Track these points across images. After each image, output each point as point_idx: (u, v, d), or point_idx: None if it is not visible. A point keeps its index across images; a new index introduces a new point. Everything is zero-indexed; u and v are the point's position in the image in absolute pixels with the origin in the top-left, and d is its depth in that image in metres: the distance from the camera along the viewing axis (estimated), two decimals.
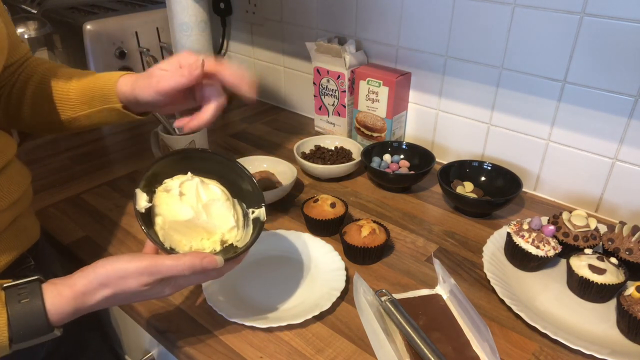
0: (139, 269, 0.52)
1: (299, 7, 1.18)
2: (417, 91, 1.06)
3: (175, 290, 0.57)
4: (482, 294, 0.72)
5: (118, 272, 0.52)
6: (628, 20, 0.76)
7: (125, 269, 0.52)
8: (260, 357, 0.61)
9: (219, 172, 0.64)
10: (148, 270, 0.52)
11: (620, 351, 0.61)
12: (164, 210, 0.58)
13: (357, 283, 0.68)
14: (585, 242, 0.75)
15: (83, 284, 0.51)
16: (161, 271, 0.52)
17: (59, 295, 0.51)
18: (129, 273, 0.52)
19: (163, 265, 0.52)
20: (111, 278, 0.52)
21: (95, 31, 1.22)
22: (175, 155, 0.62)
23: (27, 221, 0.69)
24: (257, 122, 1.27)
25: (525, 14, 0.86)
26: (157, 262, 0.52)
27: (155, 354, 0.79)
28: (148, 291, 0.54)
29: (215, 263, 0.54)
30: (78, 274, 0.52)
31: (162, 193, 0.59)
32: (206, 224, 0.59)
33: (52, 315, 0.50)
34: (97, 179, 0.99)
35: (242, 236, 0.62)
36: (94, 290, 0.51)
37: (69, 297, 0.51)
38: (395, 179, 0.95)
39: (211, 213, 0.59)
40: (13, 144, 0.67)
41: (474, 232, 0.85)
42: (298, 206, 0.89)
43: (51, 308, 0.50)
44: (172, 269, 0.52)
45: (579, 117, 0.86)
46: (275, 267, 0.76)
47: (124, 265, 0.52)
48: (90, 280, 0.51)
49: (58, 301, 0.50)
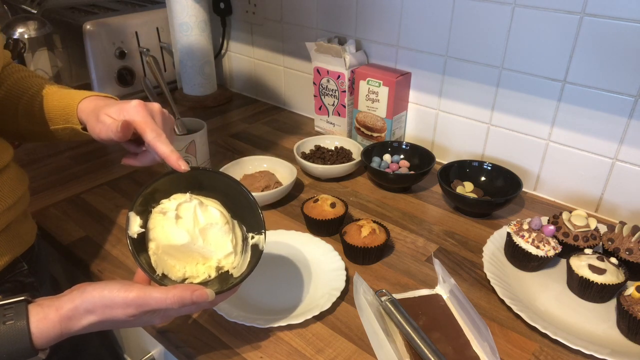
0: (125, 301, 0.51)
1: (299, 7, 1.18)
2: (417, 91, 1.06)
3: (164, 320, 0.56)
4: (482, 294, 0.72)
5: (104, 301, 0.51)
6: (628, 20, 0.76)
7: (112, 298, 0.51)
8: (260, 357, 0.61)
9: (223, 190, 0.61)
10: (135, 303, 0.51)
11: (620, 351, 0.61)
12: (158, 234, 0.56)
13: (357, 283, 0.68)
14: (585, 242, 0.75)
15: (69, 309, 0.50)
16: (149, 304, 0.51)
17: (44, 318, 0.50)
18: (115, 303, 0.51)
19: (151, 298, 0.51)
20: (97, 305, 0.51)
21: (95, 31, 1.22)
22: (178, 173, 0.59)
23: (21, 226, 0.68)
24: (257, 122, 1.27)
25: (525, 14, 0.86)
26: (145, 294, 0.51)
27: (155, 354, 0.79)
28: (135, 321, 0.53)
29: (206, 296, 0.53)
30: (66, 297, 0.51)
31: (158, 215, 0.57)
32: (202, 249, 0.57)
33: (36, 338, 0.49)
34: (97, 179, 0.99)
35: (239, 263, 0.60)
36: (79, 316, 0.51)
37: (55, 321, 0.50)
38: (395, 179, 0.95)
39: (208, 238, 0.57)
40: (8, 148, 0.66)
41: (474, 232, 0.85)
42: (298, 206, 0.89)
43: (36, 331, 0.49)
44: (160, 302, 0.51)
45: (579, 117, 0.86)
46: (275, 267, 0.76)
47: (111, 294, 0.51)
48: (76, 305, 0.51)
49: (43, 325, 0.50)
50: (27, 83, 0.71)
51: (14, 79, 0.72)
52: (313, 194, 0.88)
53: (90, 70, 1.25)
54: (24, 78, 0.72)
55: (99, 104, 0.65)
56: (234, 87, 1.48)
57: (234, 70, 1.45)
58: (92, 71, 1.25)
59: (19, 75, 0.72)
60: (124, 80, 1.30)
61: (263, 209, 0.88)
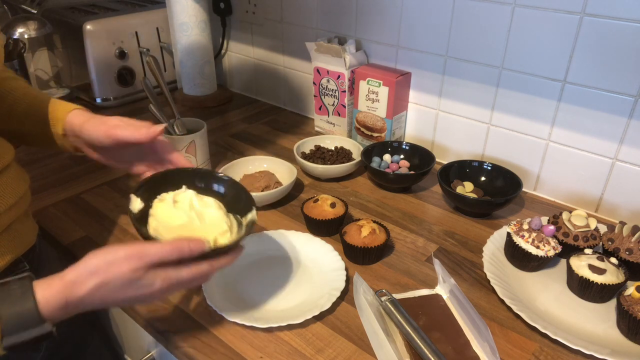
0: (127, 253, 0.52)
1: (299, 7, 1.18)
2: (417, 91, 1.06)
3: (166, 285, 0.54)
4: (482, 294, 0.72)
5: (107, 258, 0.52)
6: (628, 20, 0.76)
7: (113, 254, 0.52)
8: (260, 357, 0.61)
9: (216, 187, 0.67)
10: (137, 254, 0.52)
11: (620, 351, 0.61)
12: (158, 215, 0.59)
13: (357, 283, 0.68)
14: (585, 242, 0.75)
15: (72, 274, 0.51)
16: (149, 253, 0.52)
17: (48, 286, 0.51)
18: (117, 258, 0.52)
19: (151, 248, 0.53)
20: (100, 266, 0.52)
21: (95, 31, 1.22)
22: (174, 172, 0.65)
23: (23, 226, 0.68)
24: (257, 122, 1.27)
25: (525, 14, 0.86)
26: (145, 246, 0.53)
27: (155, 354, 0.79)
28: (138, 281, 0.53)
29: (203, 245, 0.54)
30: (69, 268, 0.53)
31: (157, 202, 0.61)
32: (199, 228, 0.59)
33: (42, 306, 0.50)
34: (97, 179, 0.99)
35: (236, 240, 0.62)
36: (83, 279, 0.51)
37: (59, 286, 0.51)
38: (395, 179, 0.95)
39: (204, 219, 0.60)
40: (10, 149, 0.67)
41: (474, 232, 0.85)
42: (298, 206, 0.89)
43: (41, 299, 0.50)
44: (160, 250, 0.53)
45: (579, 117, 0.86)
46: (275, 267, 0.76)
47: (113, 252, 0.52)
48: (79, 271, 0.52)
49: (48, 292, 0.50)
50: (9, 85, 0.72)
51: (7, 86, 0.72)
52: (313, 194, 0.88)
53: (90, 70, 1.25)
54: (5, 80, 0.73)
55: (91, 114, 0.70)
56: (233, 87, 1.48)
57: (234, 70, 1.45)
58: (92, 71, 1.25)
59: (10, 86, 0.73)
60: (124, 80, 1.30)
61: (263, 209, 0.89)
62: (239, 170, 0.96)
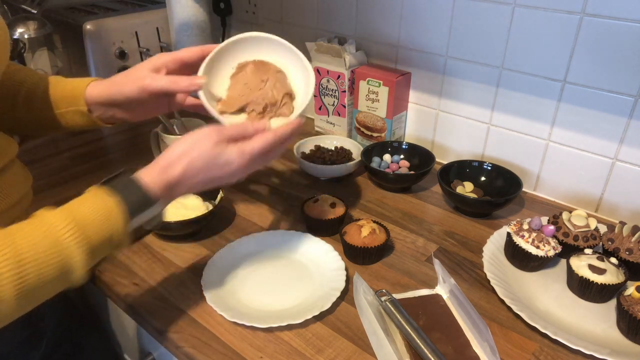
0: (208, 131, 0.59)
1: (299, 7, 1.18)
2: (417, 91, 1.06)
3: (243, 160, 0.59)
4: (482, 294, 0.72)
5: (192, 139, 0.59)
6: (628, 20, 0.76)
7: (196, 134, 0.59)
8: (260, 357, 0.61)
9: None
10: (215, 129, 0.59)
11: (620, 351, 0.61)
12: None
13: (357, 283, 0.68)
14: (585, 242, 0.75)
15: (163, 159, 0.58)
16: (225, 128, 0.60)
17: (147, 171, 0.57)
18: (200, 137, 0.58)
19: (226, 126, 0.61)
20: (186, 146, 0.58)
21: (95, 31, 1.22)
22: None
23: None
24: None
25: (525, 14, 0.86)
26: (220, 125, 0.61)
27: (155, 354, 0.79)
28: (220, 157, 0.58)
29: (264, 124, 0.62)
30: (161, 155, 0.59)
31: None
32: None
33: (148, 185, 0.56)
34: (97, 179, 0.98)
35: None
36: (175, 161, 0.57)
37: (156, 169, 0.57)
38: (395, 179, 0.95)
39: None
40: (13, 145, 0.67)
41: (474, 232, 0.85)
42: (298, 206, 0.89)
43: (146, 178, 0.56)
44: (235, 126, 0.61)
45: (579, 117, 0.86)
46: (275, 267, 0.76)
47: (194, 133, 0.59)
48: (169, 155, 0.58)
49: (149, 174, 0.56)
50: (25, 73, 0.73)
51: (10, 70, 0.72)
52: (313, 194, 0.88)
53: (90, 70, 1.25)
54: (20, 69, 0.74)
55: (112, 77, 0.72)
56: None
57: None
58: (92, 71, 1.25)
59: (14, 67, 0.74)
60: None
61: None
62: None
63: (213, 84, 0.70)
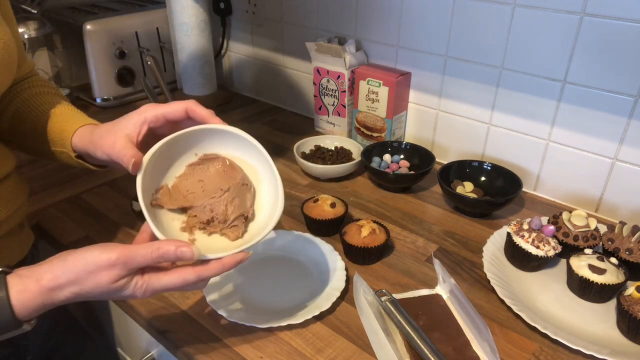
0: (110, 261, 0.48)
1: (299, 7, 1.18)
2: (417, 91, 1.06)
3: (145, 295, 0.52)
4: (482, 294, 0.72)
5: (88, 267, 0.49)
6: (628, 20, 0.76)
7: (95, 262, 0.49)
8: (260, 357, 0.61)
9: None
10: (121, 261, 0.49)
11: (620, 351, 0.61)
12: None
13: (357, 283, 0.68)
14: (585, 242, 0.75)
15: (49, 279, 0.49)
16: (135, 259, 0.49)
17: (24, 290, 0.48)
18: (99, 266, 0.49)
19: (137, 254, 0.49)
20: (80, 274, 0.49)
21: (95, 31, 1.22)
22: None
23: (14, 239, 0.67)
24: (257, 122, 1.27)
25: (525, 14, 0.86)
26: (131, 251, 0.49)
27: (155, 354, 0.79)
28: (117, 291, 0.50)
29: (192, 253, 0.50)
30: (46, 266, 0.50)
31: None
32: None
33: (18, 310, 0.48)
34: (97, 179, 0.99)
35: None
36: (61, 287, 0.49)
37: (35, 292, 0.49)
38: (395, 179, 0.95)
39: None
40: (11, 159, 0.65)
41: (474, 232, 0.85)
42: (298, 206, 0.89)
43: (17, 303, 0.48)
44: (146, 256, 0.49)
45: (579, 117, 0.86)
46: (275, 267, 0.76)
47: (94, 259, 0.49)
48: (57, 276, 0.49)
49: (24, 296, 0.48)
50: (38, 100, 0.69)
51: (29, 94, 0.69)
52: (313, 194, 0.88)
53: (90, 70, 1.25)
54: (38, 95, 0.70)
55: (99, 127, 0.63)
56: (233, 87, 1.48)
57: (234, 70, 1.45)
58: (92, 71, 1.25)
59: (34, 91, 0.70)
60: (124, 80, 1.30)
61: None
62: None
63: (164, 163, 0.58)
